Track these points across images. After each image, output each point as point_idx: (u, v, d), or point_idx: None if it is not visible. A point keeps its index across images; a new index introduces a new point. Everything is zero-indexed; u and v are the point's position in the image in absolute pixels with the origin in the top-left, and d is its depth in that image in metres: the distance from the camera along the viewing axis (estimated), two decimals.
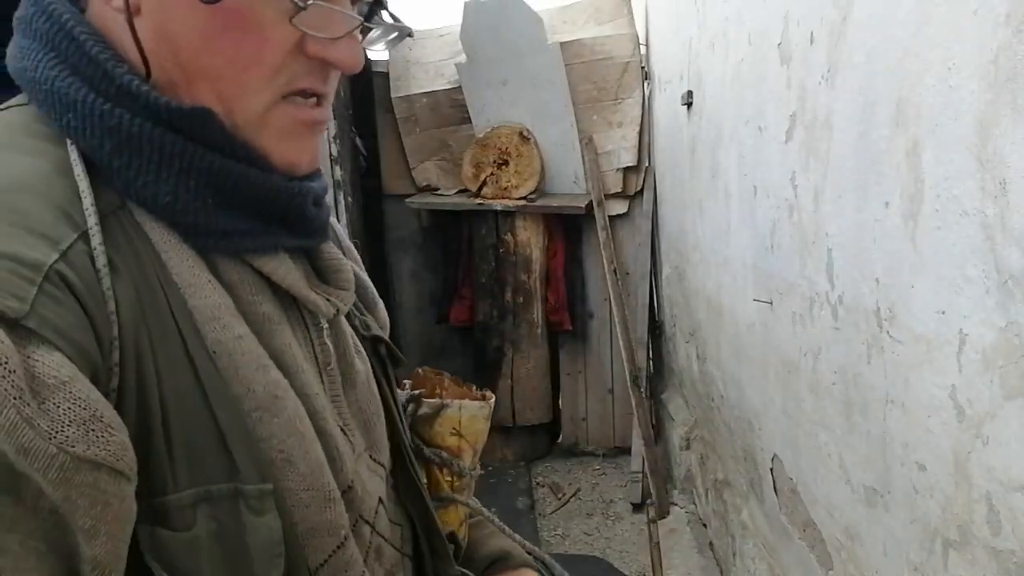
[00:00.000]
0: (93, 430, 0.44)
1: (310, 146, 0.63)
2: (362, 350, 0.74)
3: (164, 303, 0.54)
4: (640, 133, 4.31)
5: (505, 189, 4.36)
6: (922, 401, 1.33)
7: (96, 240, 0.51)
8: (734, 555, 2.80)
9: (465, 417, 0.80)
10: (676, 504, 3.78)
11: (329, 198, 3.68)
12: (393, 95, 4.54)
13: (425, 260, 4.84)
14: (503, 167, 4.36)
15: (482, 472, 0.84)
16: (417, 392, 0.85)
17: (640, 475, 3.97)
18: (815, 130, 1.79)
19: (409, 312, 4.88)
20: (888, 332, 1.45)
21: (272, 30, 0.55)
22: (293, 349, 0.60)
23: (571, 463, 4.60)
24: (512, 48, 4.11)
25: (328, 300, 0.65)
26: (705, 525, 3.37)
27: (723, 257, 2.84)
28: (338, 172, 3.89)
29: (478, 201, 4.39)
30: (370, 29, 0.66)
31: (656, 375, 4.63)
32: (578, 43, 4.21)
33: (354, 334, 0.74)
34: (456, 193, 4.54)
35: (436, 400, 0.82)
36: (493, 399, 0.86)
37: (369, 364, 0.75)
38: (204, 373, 0.53)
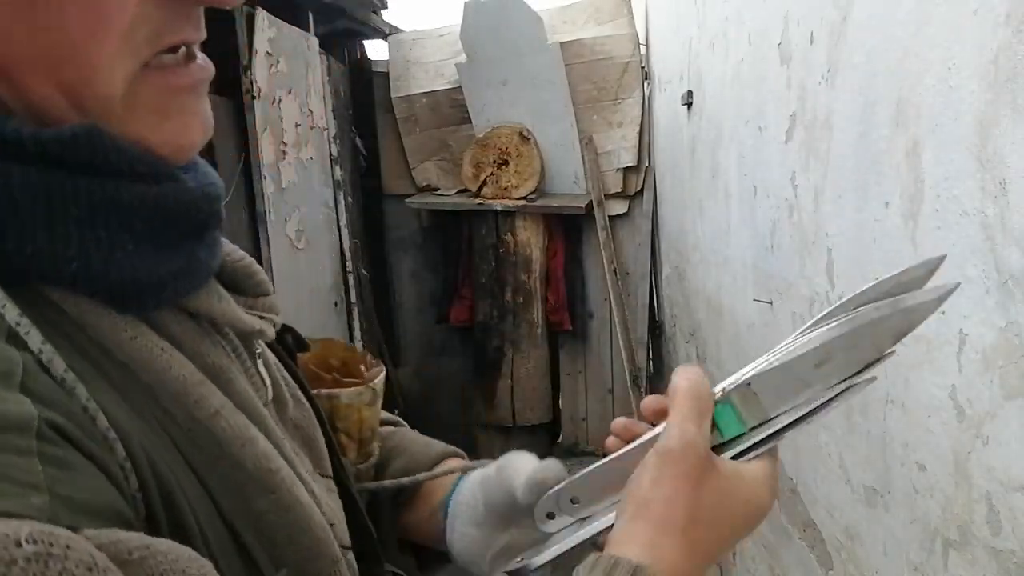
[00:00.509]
0: None
1: (198, 116, 0.49)
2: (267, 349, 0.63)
3: (130, 392, 0.43)
4: (640, 133, 4.31)
5: (505, 189, 4.36)
6: (922, 401, 1.32)
7: (35, 338, 0.38)
8: (734, 555, 2.80)
9: (339, 407, 0.71)
10: None
11: (329, 198, 3.67)
12: (393, 95, 4.54)
13: (425, 260, 4.84)
14: (503, 167, 4.36)
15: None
16: None
17: None
18: (815, 130, 1.79)
19: (409, 312, 4.88)
20: None
21: None
22: (249, 394, 0.50)
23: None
24: (512, 48, 4.11)
25: (263, 318, 0.54)
26: None
27: (723, 257, 2.84)
28: (338, 172, 3.89)
29: (478, 201, 4.39)
30: None
31: (656, 375, 4.63)
32: (578, 43, 4.21)
33: None
34: (456, 193, 4.54)
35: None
36: (380, 375, 0.75)
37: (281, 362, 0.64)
38: (193, 460, 0.44)
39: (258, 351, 0.55)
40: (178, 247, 0.46)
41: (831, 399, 0.53)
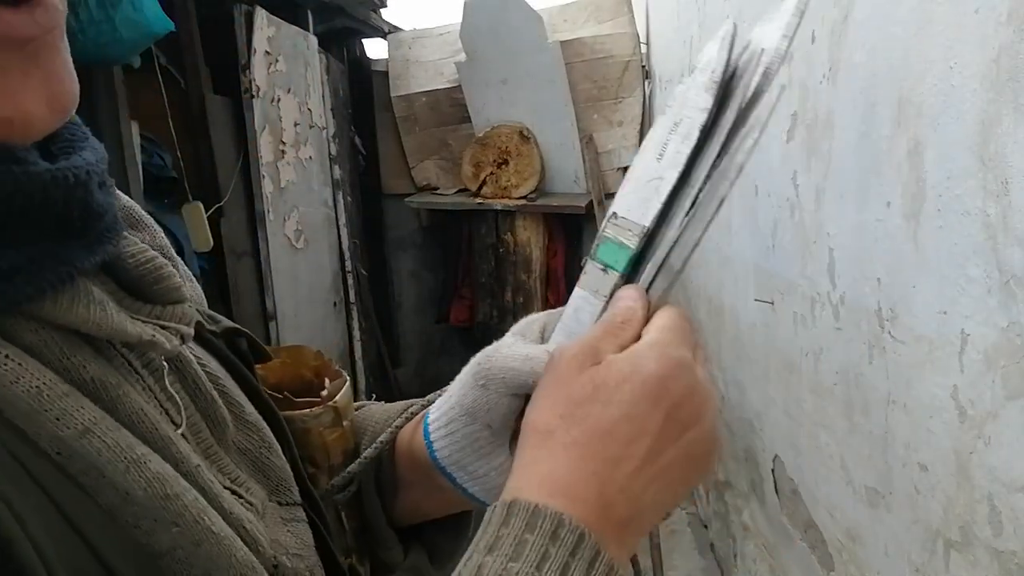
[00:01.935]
0: None
1: (52, 77, 0.37)
2: (208, 361, 0.53)
3: None
4: (641, 132, 4.31)
5: (505, 189, 4.36)
6: (924, 401, 1.32)
7: None
8: (735, 556, 2.80)
9: (295, 433, 0.59)
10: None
11: (328, 198, 3.66)
12: (392, 94, 4.54)
13: (425, 260, 4.83)
14: (503, 166, 4.35)
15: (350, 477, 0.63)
16: None
17: None
18: (816, 129, 1.78)
19: (409, 312, 4.87)
20: (890, 332, 1.44)
21: None
22: (145, 413, 0.42)
23: None
24: (512, 47, 4.10)
25: (163, 328, 0.45)
26: (706, 526, 3.37)
27: (724, 257, 2.83)
28: (337, 171, 3.89)
29: (478, 201, 4.39)
30: None
31: None
32: (578, 42, 4.21)
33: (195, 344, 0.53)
34: (456, 193, 4.53)
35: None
36: (342, 392, 0.64)
37: (228, 373, 0.55)
38: (58, 494, 0.36)
39: (166, 367, 0.47)
40: (19, 243, 0.37)
41: (705, 177, 0.49)
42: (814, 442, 1.92)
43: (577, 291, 0.53)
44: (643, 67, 4.26)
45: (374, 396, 4.22)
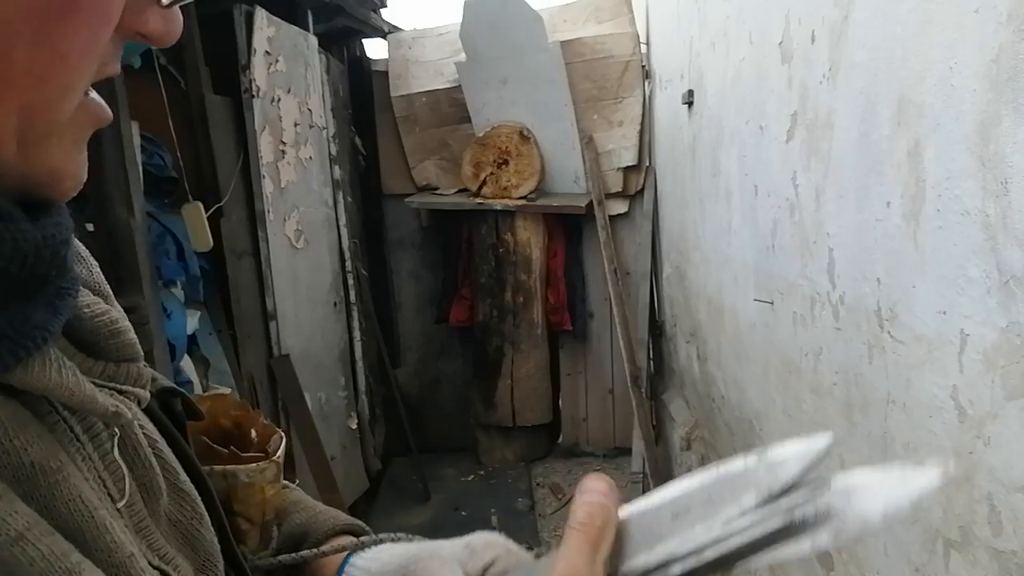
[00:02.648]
0: None
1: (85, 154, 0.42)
2: (144, 422, 0.51)
3: None
4: (641, 132, 4.31)
5: (505, 189, 4.36)
6: (923, 401, 1.32)
7: None
8: None
9: (237, 488, 0.58)
10: None
11: (328, 198, 3.66)
12: (392, 94, 4.54)
13: (425, 260, 4.83)
14: (503, 167, 4.35)
15: (273, 543, 0.63)
16: None
17: (641, 476, 3.96)
18: (816, 129, 1.78)
19: (409, 312, 4.87)
20: (889, 332, 1.44)
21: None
22: (84, 497, 0.40)
23: (571, 464, 4.60)
24: (512, 47, 4.10)
25: (121, 394, 0.43)
26: None
27: (724, 257, 2.83)
28: (337, 171, 3.89)
29: (478, 201, 4.39)
30: None
31: (656, 375, 4.62)
32: (578, 42, 4.21)
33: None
34: (456, 193, 4.53)
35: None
36: (281, 444, 0.63)
37: (163, 436, 0.52)
38: None
39: (116, 435, 0.44)
40: (4, 307, 0.36)
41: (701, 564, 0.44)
42: None
43: None
44: (643, 67, 4.26)
45: (374, 397, 4.21)
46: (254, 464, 0.60)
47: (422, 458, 4.37)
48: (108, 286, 0.52)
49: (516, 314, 4.47)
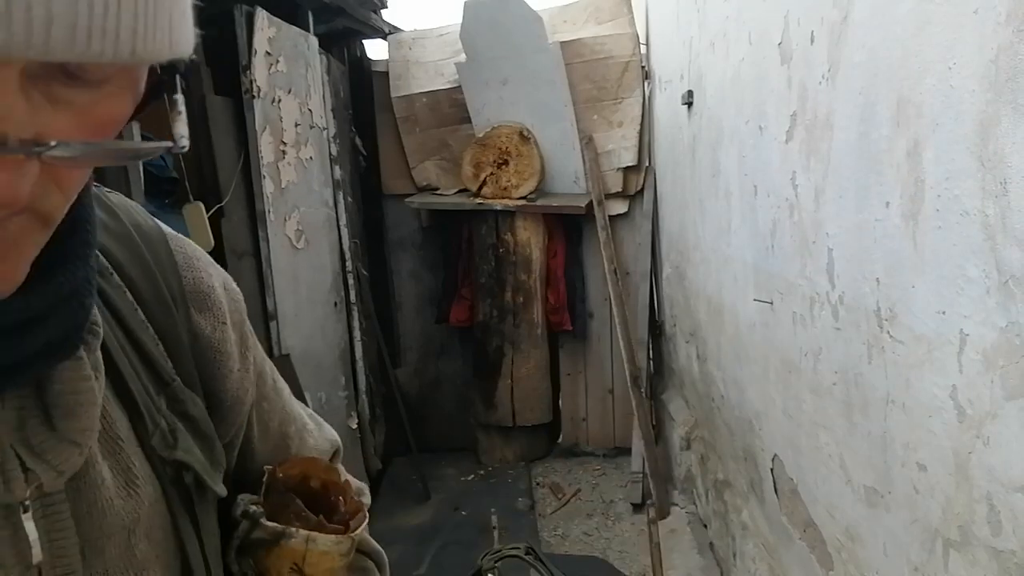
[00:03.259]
0: None
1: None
2: (152, 483, 0.53)
3: None
4: (640, 133, 4.31)
5: (505, 189, 4.36)
6: (923, 401, 1.32)
7: None
8: (734, 555, 2.80)
9: (313, 553, 0.62)
10: (676, 504, 3.78)
11: (329, 198, 3.65)
12: (393, 95, 4.54)
13: (425, 260, 4.83)
14: (503, 167, 4.35)
15: None
16: (254, 509, 0.63)
17: (640, 475, 3.97)
18: (816, 130, 1.78)
19: (409, 312, 4.88)
20: (889, 332, 1.44)
21: None
22: None
23: (571, 463, 4.60)
24: (512, 47, 4.11)
25: (27, 472, 0.43)
26: (705, 526, 3.37)
27: (723, 257, 2.83)
28: (338, 172, 3.89)
29: (478, 201, 4.39)
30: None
31: (656, 375, 4.62)
32: (578, 42, 4.21)
33: (141, 460, 0.52)
34: (456, 193, 4.53)
35: (277, 526, 0.62)
36: (362, 527, 0.66)
37: (164, 500, 0.54)
38: None
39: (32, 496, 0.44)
40: None
41: None
42: (813, 442, 1.92)
43: None
44: (643, 68, 4.26)
45: (374, 396, 4.21)
46: (335, 536, 0.64)
47: (422, 458, 4.37)
48: (238, 340, 0.62)
49: (516, 314, 4.47)
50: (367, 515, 0.68)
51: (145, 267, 0.57)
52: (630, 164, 4.35)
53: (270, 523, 0.63)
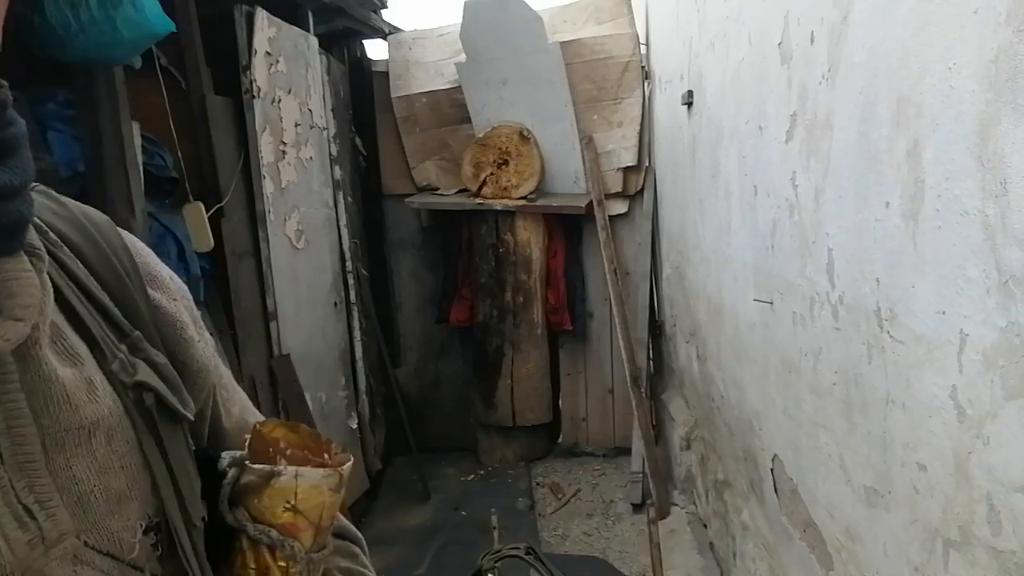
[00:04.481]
0: None
1: None
2: (112, 398, 0.54)
3: None
4: (640, 133, 4.31)
5: (505, 189, 4.36)
6: (923, 401, 1.32)
7: None
8: (734, 555, 2.80)
9: (303, 488, 0.63)
10: (676, 504, 3.78)
11: (329, 198, 3.66)
12: (393, 95, 4.54)
13: (425, 260, 4.84)
14: (503, 167, 4.36)
15: (325, 552, 0.67)
16: (240, 455, 0.65)
17: (640, 475, 3.97)
18: (816, 130, 1.79)
19: (409, 312, 4.88)
20: (889, 332, 1.44)
21: None
22: None
23: (571, 463, 4.60)
24: (512, 48, 4.11)
25: None
26: (705, 526, 3.37)
27: (723, 257, 2.83)
28: (338, 172, 3.89)
29: (478, 201, 4.39)
30: None
31: (656, 375, 4.62)
32: (578, 43, 4.21)
33: (101, 378, 0.54)
34: (456, 193, 4.53)
35: (264, 467, 0.63)
36: (348, 464, 0.68)
37: (128, 416, 0.55)
38: None
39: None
40: None
41: None
42: (813, 442, 1.92)
43: None
44: (643, 68, 4.26)
45: (374, 397, 4.21)
46: (323, 470, 0.65)
47: (422, 458, 4.37)
48: (192, 321, 0.64)
49: (516, 314, 4.47)
50: (351, 458, 0.70)
51: (96, 245, 0.58)
52: (630, 164, 4.36)
53: (257, 465, 0.64)
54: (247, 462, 0.64)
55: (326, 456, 0.69)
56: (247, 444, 0.66)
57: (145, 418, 0.56)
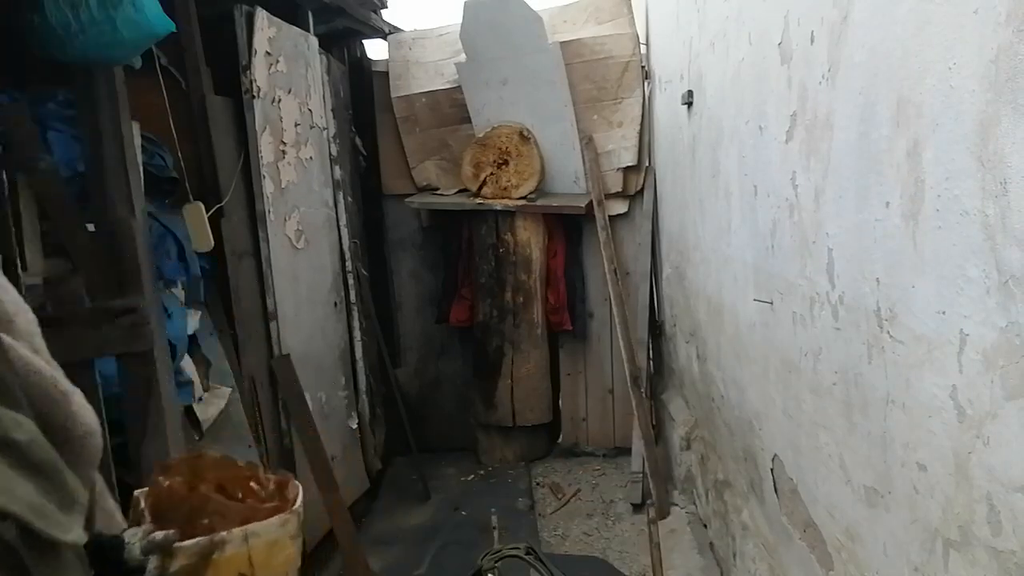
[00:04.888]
0: None
1: None
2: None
3: None
4: (640, 133, 4.31)
5: (505, 189, 4.36)
6: (923, 401, 1.32)
7: None
8: (734, 555, 2.80)
9: (258, 549, 0.47)
10: (676, 504, 3.78)
11: (329, 198, 3.66)
12: (393, 95, 4.54)
13: (425, 260, 4.83)
14: (503, 167, 4.35)
15: None
16: (156, 537, 0.47)
17: (640, 475, 3.97)
18: (816, 130, 1.78)
19: (409, 312, 4.87)
20: (889, 332, 1.44)
21: None
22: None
23: (571, 463, 4.60)
24: (512, 48, 4.11)
25: None
26: (705, 526, 3.37)
27: (723, 257, 2.83)
28: (338, 172, 3.89)
29: (478, 201, 4.39)
30: None
31: (656, 375, 4.62)
32: (578, 42, 4.21)
33: None
34: (456, 193, 4.53)
35: (198, 541, 0.47)
36: (298, 496, 0.52)
37: None
38: None
39: None
40: None
41: None
42: (813, 442, 1.92)
43: None
44: (643, 68, 4.26)
45: (374, 397, 4.21)
46: (278, 518, 0.51)
47: (422, 458, 4.37)
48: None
49: (516, 314, 4.47)
50: (298, 484, 0.55)
51: None
52: (630, 164, 4.35)
53: (187, 542, 0.48)
54: (175, 544, 0.47)
55: (254, 485, 0.53)
56: (141, 509, 0.49)
57: (7, 559, 0.39)
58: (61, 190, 2.08)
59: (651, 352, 4.54)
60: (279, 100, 3.23)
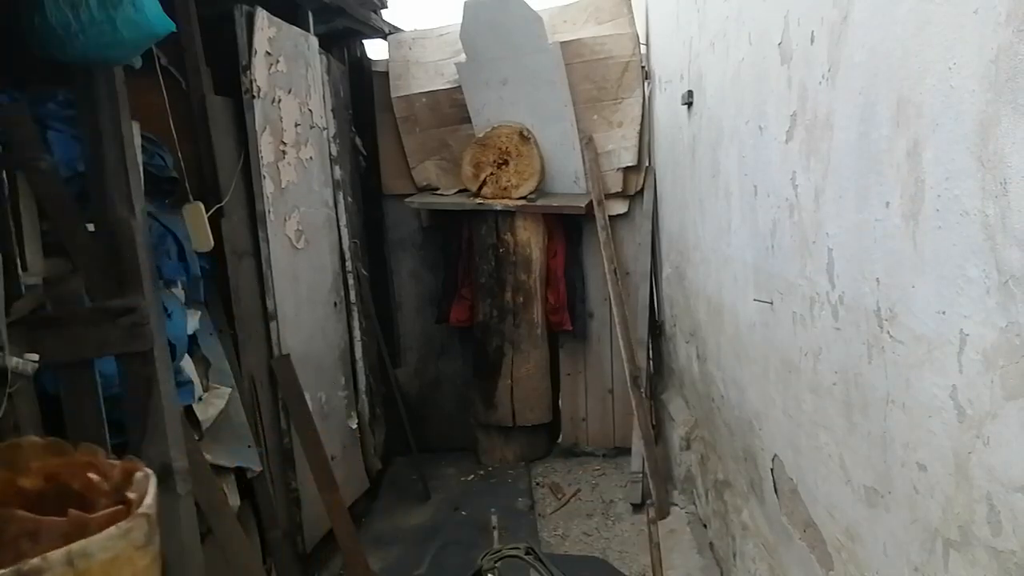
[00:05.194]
0: None
1: None
2: None
3: None
4: (640, 133, 4.31)
5: (505, 189, 4.36)
6: (922, 401, 1.32)
7: None
8: (734, 555, 2.80)
9: (96, 568, 0.37)
10: (676, 504, 3.78)
11: (329, 198, 3.67)
12: (393, 95, 4.54)
13: (425, 260, 4.84)
14: (503, 167, 4.36)
15: None
16: None
17: (640, 475, 3.97)
18: (816, 130, 1.78)
19: (409, 312, 4.87)
20: (889, 332, 1.44)
21: None
22: None
23: (571, 463, 4.60)
24: (512, 48, 4.11)
25: None
26: (705, 526, 3.37)
27: (723, 257, 2.83)
28: (338, 172, 3.89)
29: (478, 201, 4.39)
30: None
31: (656, 375, 4.62)
32: (578, 42, 4.21)
33: None
34: (456, 193, 4.54)
35: (9, 570, 0.35)
36: (150, 483, 0.38)
37: None
38: None
39: None
40: None
41: None
42: (813, 442, 1.92)
43: None
44: (643, 68, 4.26)
45: (374, 397, 4.21)
46: (116, 528, 0.37)
47: (422, 458, 4.37)
48: None
49: (516, 314, 4.47)
50: (148, 473, 0.43)
51: None
52: (630, 164, 4.36)
53: None
54: None
55: (93, 476, 0.38)
56: None
57: None
58: (61, 190, 2.08)
59: (651, 352, 4.55)
60: (279, 100, 3.23)
